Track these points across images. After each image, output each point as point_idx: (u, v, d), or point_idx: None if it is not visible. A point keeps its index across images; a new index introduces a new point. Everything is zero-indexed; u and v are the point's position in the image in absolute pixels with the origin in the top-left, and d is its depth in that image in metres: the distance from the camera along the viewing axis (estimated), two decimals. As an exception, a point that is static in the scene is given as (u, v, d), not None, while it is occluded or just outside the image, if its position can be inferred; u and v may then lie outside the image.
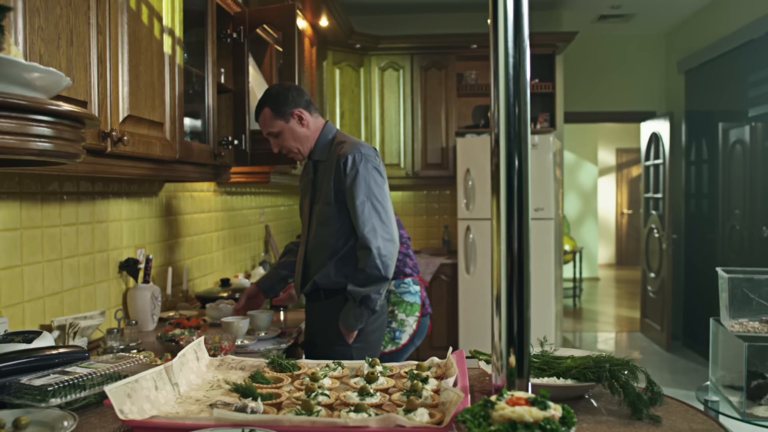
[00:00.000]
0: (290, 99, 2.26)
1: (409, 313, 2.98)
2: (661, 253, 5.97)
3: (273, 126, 2.26)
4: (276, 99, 2.25)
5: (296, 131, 2.27)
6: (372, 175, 2.19)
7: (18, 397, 1.32)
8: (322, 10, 4.10)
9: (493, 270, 1.19)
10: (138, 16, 1.83)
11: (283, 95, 2.26)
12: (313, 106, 2.33)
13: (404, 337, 2.97)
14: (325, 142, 2.31)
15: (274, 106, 2.25)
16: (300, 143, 2.29)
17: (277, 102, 2.25)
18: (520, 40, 1.16)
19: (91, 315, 2.01)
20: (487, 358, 1.58)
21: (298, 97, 2.28)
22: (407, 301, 2.98)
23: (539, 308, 4.69)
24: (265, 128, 2.29)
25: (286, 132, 2.27)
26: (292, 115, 2.26)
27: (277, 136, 2.28)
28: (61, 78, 1.16)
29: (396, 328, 2.97)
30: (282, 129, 2.26)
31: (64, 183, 2.04)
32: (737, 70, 5.04)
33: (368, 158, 2.21)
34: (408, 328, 2.97)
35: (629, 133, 10.38)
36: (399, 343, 2.96)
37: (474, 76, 5.54)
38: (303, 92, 2.31)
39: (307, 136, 2.29)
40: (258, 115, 2.29)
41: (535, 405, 0.99)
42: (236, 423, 1.13)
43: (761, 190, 4.63)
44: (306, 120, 2.28)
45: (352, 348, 2.21)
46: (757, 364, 2.00)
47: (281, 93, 2.26)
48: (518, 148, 1.16)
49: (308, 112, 2.29)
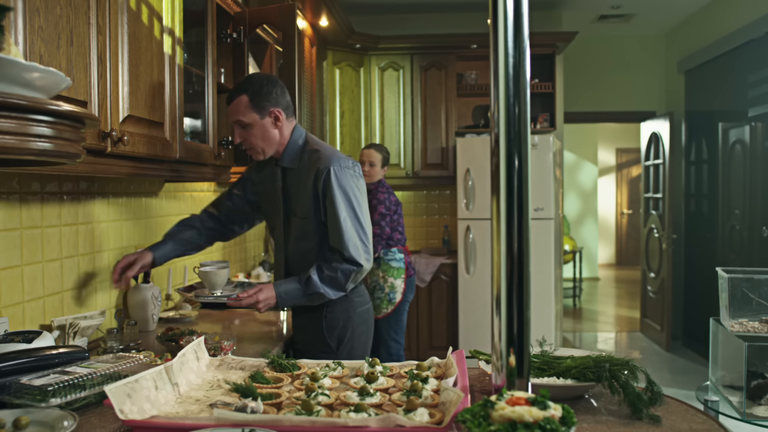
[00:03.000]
0: (273, 95, 2.10)
1: (397, 276, 3.87)
2: (661, 253, 5.97)
3: (245, 116, 2.08)
4: (258, 90, 2.08)
5: (268, 131, 2.11)
6: (353, 190, 2.10)
7: (18, 397, 1.32)
8: (322, 10, 4.10)
9: (493, 270, 1.19)
10: (138, 16, 1.83)
11: (267, 89, 2.09)
12: (291, 110, 2.19)
13: (397, 296, 3.86)
14: (295, 148, 2.17)
15: (254, 97, 2.08)
16: (267, 144, 2.13)
17: (258, 93, 2.08)
18: (520, 40, 1.16)
19: (91, 315, 2.01)
20: (487, 358, 1.58)
21: (281, 95, 2.13)
22: (393, 266, 3.87)
23: (539, 308, 4.69)
24: (235, 115, 2.10)
25: (257, 128, 2.10)
26: (270, 113, 2.10)
27: (245, 128, 2.11)
28: (61, 78, 1.16)
29: (389, 292, 3.85)
30: (254, 123, 2.09)
31: (64, 183, 2.04)
32: (737, 70, 5.04)
33: (348, 172, 2.11)
34: (398, 288, 3.87)
35: (629, 133, 10.39)
36: (395, 302, 3.86)
37: (474, 76, 5.54)
38: (286, 92, 2.17)
39: (276, 139, 2.14)
40: (232, 99, 2.10)
41: (535, 405, 1.00)
42: (236, 423, 1.13)
43: (761, 190, 4.63)
44: (281, 122, 2.13)
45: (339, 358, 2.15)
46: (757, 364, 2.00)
47: (266, 86, 2.09)
48: (518, 148, 1.16)
49: (286, 114, 2.14)
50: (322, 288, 2.07)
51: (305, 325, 2.23)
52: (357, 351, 2.21)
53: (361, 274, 2.12)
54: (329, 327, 2.18)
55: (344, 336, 2.18)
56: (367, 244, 2.12)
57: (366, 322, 2.26)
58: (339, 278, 2.08)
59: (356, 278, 2.11)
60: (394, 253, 3.88)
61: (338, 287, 2.10)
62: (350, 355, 2.18)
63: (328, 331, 2.17)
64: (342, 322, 2.18)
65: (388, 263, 3.87)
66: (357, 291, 2.24)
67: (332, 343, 2.18)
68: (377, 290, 3.87)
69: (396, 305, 3.86)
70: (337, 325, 2.18)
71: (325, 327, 2.17)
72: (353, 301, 2.21)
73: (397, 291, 3.86)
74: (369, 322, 2.28)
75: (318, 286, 2.07)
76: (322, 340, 2.17)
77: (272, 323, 2.56)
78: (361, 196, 2.15)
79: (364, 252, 2.10)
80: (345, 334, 2.18)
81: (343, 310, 2.19)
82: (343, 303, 2.18)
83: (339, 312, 2.18)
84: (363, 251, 2.10)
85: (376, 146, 3.98)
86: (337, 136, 5.08)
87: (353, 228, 2.08)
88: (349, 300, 2.19)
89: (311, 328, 2.20)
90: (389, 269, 3.86)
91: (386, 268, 3.86)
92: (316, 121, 4.46)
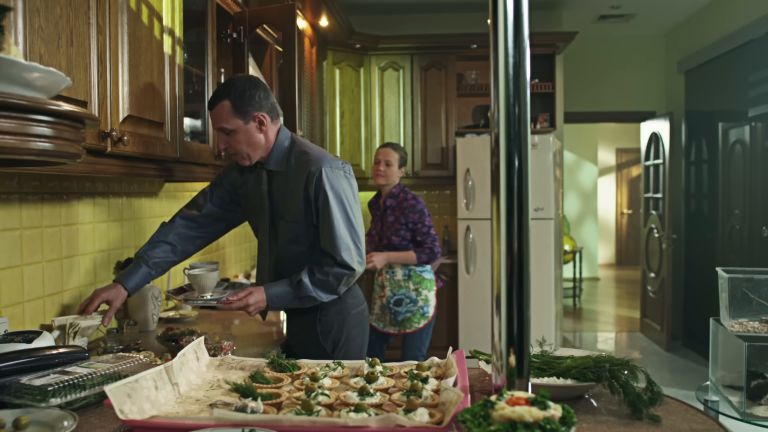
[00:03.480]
0: (256, 99, 2.03)
1: (430, 288, 3.55)
2: (661, 253, 5.97)
3: (228, 122, 2.01)
4: (240, 95, 2.00)
5: (252, 136, 2.04)
6: (346, 192, 2.07)
7: (18, 397, 1.32)
8: (322, 10, 4.10)
9: (493, 270, 1.19)
10: (138, 16, 1.83)
11: (249, 93, 2.02)
12: (276, 112, 2.11)
13: (431, 310, 3.55)
14: (281, 150, 2.11)
15: (237, 102, 2.00)
16: (252, 149, 2.06)
17: (241, 98, 2.00)
18: (520, 40, 1.16)
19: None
20: (487, 358, 1.58)
21: (264, 98, 2.05)
22: (426, 278, 3.54)
23: (539, 308, 4.69)
24: (218, 122, 2.03)
25: (241, 133, 2.03)
26: (254, 118, 2.03)
27: (229, 134, 2.03)
28: (61, 78, 1.16)
29: (422, 305, 3.53)
30: (237, 128, 2.02)
31: (63, 183, 2.04)
32: (737, 70, 5.04)
33: (340, 172, 2.08)
34: (432, 301, 3.56)
35: (629, 133, 10.39)
36: (428, 316, 3.53)
37: (474, 76, 5.54)
38: (270, 94, 2.10)
39: (262, 143, 2.07)
40: (214, 105, 2.02)
41: (535, 405, 1.00)
42: (236, 423, 1.13)
43: (761, 190, 4.63)
44: (266, 126, 2.06)
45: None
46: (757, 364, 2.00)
47: (248, 90, 2.02)
48: (518, 148, 1.16)
49: (270, 117, 2.07)
50: (314, 291, 2.04)
51: (299, 329, 2.21)
52: (353, 354, 2.18)
53: (353, 278, 2.09)
54: (324, 331, 2.16)
55: (339, 339, 2.16)
56: (359, 248, 2.09)
57: (361, 324, 2.24)
58: (331, 282, 2.05)
59: (348, 282, 2.09)
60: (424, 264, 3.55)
61: (330, 291, 2.07)
62: (346, 358, 2.14)
63: (323, 335, 2.15)
64: (337, 325, 2.16)
65: (420, 275, 3.52)
66: (351, 292, 2.21)
67: (327, 347, 2.15)
68: (407, 303, 3.50)
69: (429, 320, 3.53)
70: (332, 328, 2.16)
71: (320, 331, 2.15)
72: (347, 303, 2.19)
73: (430, 304, 3.54)
74: (364, 323, 2.26)
75: (309, 290, 2.04)
76: (317, 345, 2.15)
77: (272, 323, 2.57)
78: (354, 198, 2.12)
79: (357, 255, 2.07)
80: (340, 338, 2.16)
81: (337, 313, 2.17)
82: (337, 305, 2.16)
83: (333, 315, 2.16)
84: (356, 254, 2.07)
85: (393, 145, 3.63)
86: (337, 136, 5.08)
87: (346, 231, 2.05)
88: (343, 302, 2.17)
89: (306, 332, 2.18)
90: (422, 281, 3.52)
91: (419, 280, 3.52)
92: (316, 121, 4.46)
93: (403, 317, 3.51)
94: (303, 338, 2.20)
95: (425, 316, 3.51)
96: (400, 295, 3.51)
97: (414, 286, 3.50)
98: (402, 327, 3.52)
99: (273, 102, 2.11)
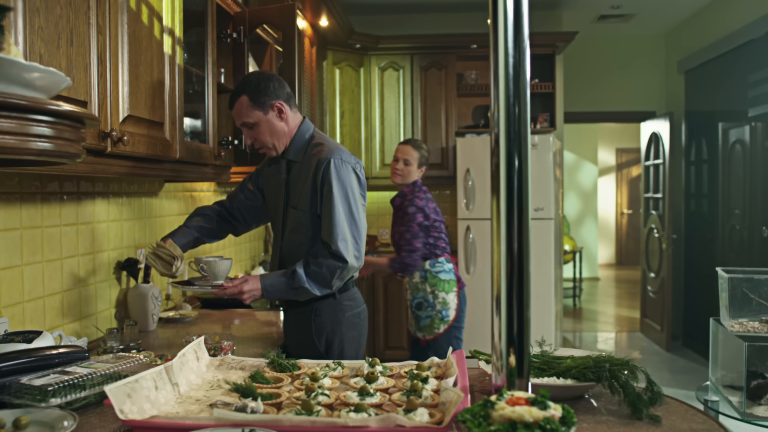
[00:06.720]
0: (271, 89, 2.10)
1: (448, 290, 3.29)
2: (661, 253, 5.97)
3: (249, 116, 2.10)
4: (256, 87, 2.09)
5: (274, 125, 2.12)
6: (352, 186, 2.08)
7: (18, 397, 1.32)
8: (322, 10, 4.10)
9: (493, 270, 1.19)
10: (138, 16, 1.83)
11: (264, 84, 2.10)
12: (293, 101, 2.19)
13: (450, 313, 3.29)
14: (301, 141, 2.18)
15: (253, 95, 2.09)
16: (276, 138, 2.14)
17: (257, 91, 2.09)
18: (520, 40, 1.16)
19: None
20: (487, 358, 1.58)
21: (279, 88, 2.13)
22: (444, 279, 3.28)
23: (539, 308, 4.69)
24: (240, 118, 2.12)
25: (263, 124, 2.11)
26: (272, 107, 2.11)
27: (252, 128, 2.12)
28: (61, 78, 1.16)
29: (441, 309, 3.27)
30: (259, 120, 2.10)
31: (64, 183, 2.04)
32: (737, 70, 5.04)
33: (349, 166, 2.10)
34: (451, 304, 3.29)
35: (629, 133, 10.39)
36: (448, 321, 3.29)
37: (474, 76, 5.54)
38: (284, 84, 2.17)
39: (285, 131, 2.14)
40: (233, 103, 2.12)
41: (535, 405, 1.00)
42: (236, 423, 1.13)
43: (761, 190, 4.63)
44: (285, 114, 2.13)
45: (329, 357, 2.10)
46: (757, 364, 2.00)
47: (262, 82, 2.11)
48: (518, 148, 1.16)
49: (288, 105, 2.14)
50: (307, 283, 2.04)
51: (294, 327, 2.21)
52: (347, 356, 2.15)
53: (348, 272, 2.08)
54: (318, 330, 2.15)
55: (333, 340, 2.15)
56: (358, 242, 2.09)
57: (356, 327, 2.21)
58: (324, 274, 2.05)
59: (342, 275, 2.07)
60: (442, 264, 3.30)
61: (323, 284, 2.06)
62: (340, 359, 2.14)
63: (317, 334, 2.15)
64: (330, 326, 2.15)
65: (436, 276, 3.28)
66: (348, 294, 2.19)
67: (321, 346, 2.14)
68: (425, 308, 3.29)
69: (449, 325, 3.29)
70: (326, 328, 2.15)
71: (314, 330, 2.15)
72: (342, 305, 2.17)
73: (450, 307, 3.28)
74: (360, 327, 2.23)
75: (303, 281, 2.04)
76: (312, 344, 2.14)
77: (272, 323, 2.57)
78: (360, 193, 2.13)
79: (353, 248, 2.07)
80: (334, 339, 2.15)
81: (331, 314, 2.15)
82: (331, 306, 2.15)
83: (327, 315, 2.15)
84: (353, 247, 2.06)
85: (413, 142, 3.40)
86: (337, 136, 5.08)
87: (345, 221, 2.06)
88: (337, 303, 2.16)
89: (301, 331, 2.18)
90: (439, 282, 3.27)
91: (435, 282, 3.27)
92: (316, 121, 4.46)
93: (424, 323, 3.31)
94: (297, 337, 2.19)
95: (445, 320, 3.28)
96: (419, 298, 3.32)
97: (430, 289, 3.28)
98: (425, 332, 3.32)
99: (288, 91, 2.17)
